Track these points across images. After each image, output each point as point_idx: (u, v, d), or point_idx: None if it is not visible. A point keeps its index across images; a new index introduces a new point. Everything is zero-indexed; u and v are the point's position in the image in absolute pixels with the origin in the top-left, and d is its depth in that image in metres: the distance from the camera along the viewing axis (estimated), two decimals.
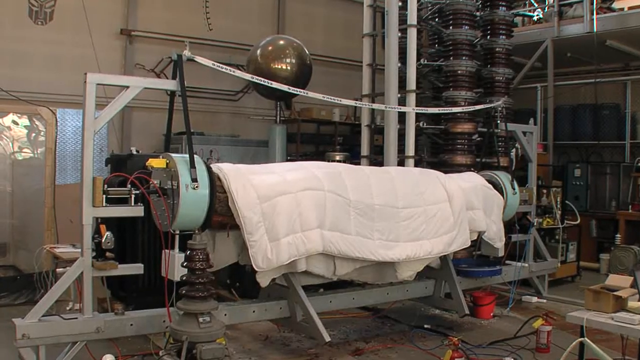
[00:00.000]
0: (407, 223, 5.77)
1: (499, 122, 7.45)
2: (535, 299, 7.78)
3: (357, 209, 5.45)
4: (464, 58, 8.35)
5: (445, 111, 7.96)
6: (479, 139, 8.55)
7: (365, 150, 8.85)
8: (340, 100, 6.04)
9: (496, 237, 6.70)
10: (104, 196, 4.49)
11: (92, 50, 8.72)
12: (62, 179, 7.91)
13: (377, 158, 8.64)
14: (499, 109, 7.46)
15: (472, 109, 7.86)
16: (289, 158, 10.01)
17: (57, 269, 5.32)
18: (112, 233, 4.62)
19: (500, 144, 8.34)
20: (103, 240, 4.56)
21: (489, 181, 7.00)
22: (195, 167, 4.61)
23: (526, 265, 7.61)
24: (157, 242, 5.74)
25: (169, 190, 4.62)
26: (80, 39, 9.20)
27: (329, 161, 8.80)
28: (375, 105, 8.04)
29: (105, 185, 4.51)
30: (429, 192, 6.06)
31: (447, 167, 8.07)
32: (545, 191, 8.70)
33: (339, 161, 8.90)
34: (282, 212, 4.95)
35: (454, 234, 6.08)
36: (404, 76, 8.08)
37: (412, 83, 7.97)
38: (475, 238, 6.61)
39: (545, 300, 7.77)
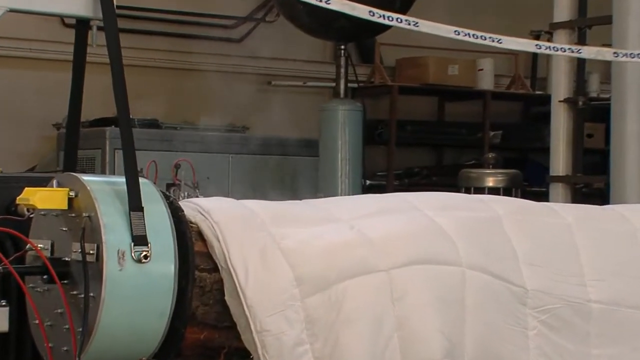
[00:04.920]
0: None
1: None
2: None
3: (545, 311, 5.40)
4: None
5: None
6: None
7: (559, 162, 8.94)
8: (498, 41, 6.04)
9: None
10: None
11: None
12: None
13: (589, 182, 8.71)
14: None
15: None
16: (368, 183, 10.37)
17: None
18: None
19: None
20: None
21: None
22: (142, 209, 4.61)
23: None
24: None
25: (73, 267, 4.62)
26: None
27: (468, 191, 8.95)
28: (588, 51, 7.99)
29: None
30: None
31: None
32: None
33: (494, 192, 8.95)
34: (359, 318, 4.91)
35: None
36: None
37: None
38: None
39: None
